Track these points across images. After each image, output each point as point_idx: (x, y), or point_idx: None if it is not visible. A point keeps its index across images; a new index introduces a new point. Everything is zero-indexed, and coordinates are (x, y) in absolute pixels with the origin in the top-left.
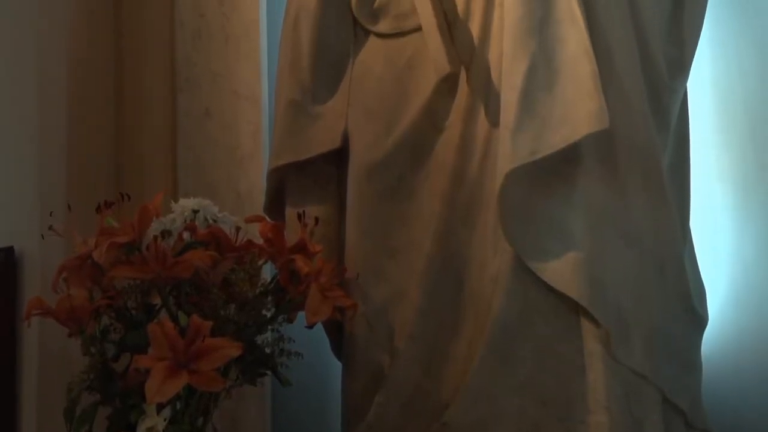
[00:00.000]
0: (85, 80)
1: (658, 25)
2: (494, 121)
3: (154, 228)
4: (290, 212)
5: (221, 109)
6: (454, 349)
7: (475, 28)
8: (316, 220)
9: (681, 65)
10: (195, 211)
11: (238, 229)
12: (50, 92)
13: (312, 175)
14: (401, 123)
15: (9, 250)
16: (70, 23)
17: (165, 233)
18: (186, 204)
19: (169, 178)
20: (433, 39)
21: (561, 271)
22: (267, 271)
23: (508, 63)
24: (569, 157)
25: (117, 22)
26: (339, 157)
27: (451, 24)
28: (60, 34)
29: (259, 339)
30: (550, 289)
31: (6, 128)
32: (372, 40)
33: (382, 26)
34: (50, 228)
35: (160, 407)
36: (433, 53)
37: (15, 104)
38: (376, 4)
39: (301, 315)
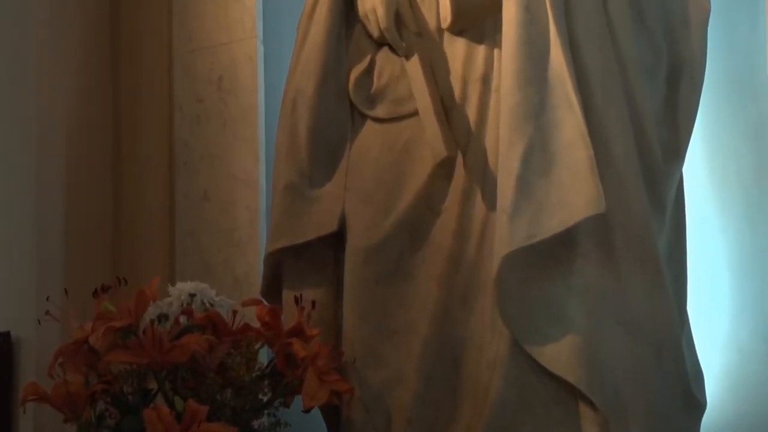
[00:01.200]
0: (84, 165)
1: (653, 109)
2: (491, 205)
3: (151, 312)
4: (287, 295)
5: (219, 193)
6: None
7: (471, 112)
8: (313, 303)
9: (676, 150)
10: (192, 295)
11: (235, 312)
12: (48, 176)
13: (309, 259)
14: (398, 207)
15: (5, 335)
16: (69, 110)
17: (162, 317)
18: (183, 288)
19: (167, 261)
20: (430, 124)
21: (558, 355)
22: (264, 355)
23: (504, 147)
24: (566, 241)
25: (116, 107)
26: (336, 239)
27: (447, 109)
28: (59, 120)
29: (256, 424)
30: (548, 373)
31: (3, 212)
32: (369, 125)
33: (380, 111)
34: (47, 313)
35: None
36: (430, 138)
37: (12, 188)
38: (373, 89)
39: (298, 399)
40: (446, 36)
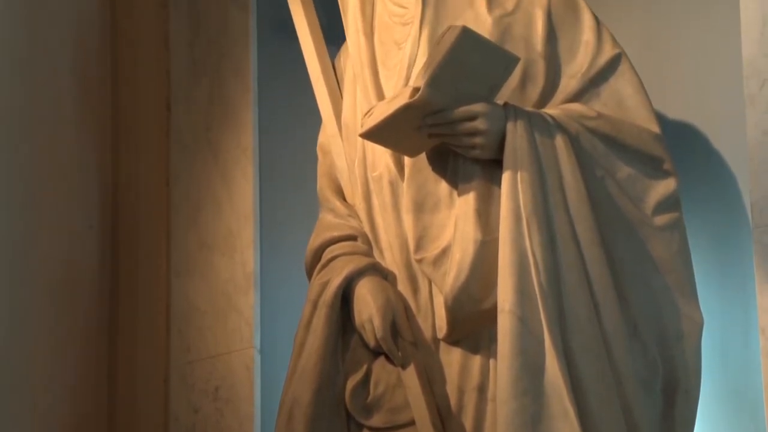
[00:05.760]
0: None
1: (650, 421)
2: None
3: None
4: None
5: None
6: None
7: (468, 422)
8: None
9: None
10: None
11: None
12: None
13: None
14: None
15: None
16: (63, 417)
17: None
18: None
19: None
20: None
21: None
22: None
23: None
24: None
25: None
26: None
27: (444, 419)
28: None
29: None
30: None
31: None
32: None
33: (376, 420)
34: None
35: None
36: None
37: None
38: (369, 399)
39: None
40: (442, 345)
